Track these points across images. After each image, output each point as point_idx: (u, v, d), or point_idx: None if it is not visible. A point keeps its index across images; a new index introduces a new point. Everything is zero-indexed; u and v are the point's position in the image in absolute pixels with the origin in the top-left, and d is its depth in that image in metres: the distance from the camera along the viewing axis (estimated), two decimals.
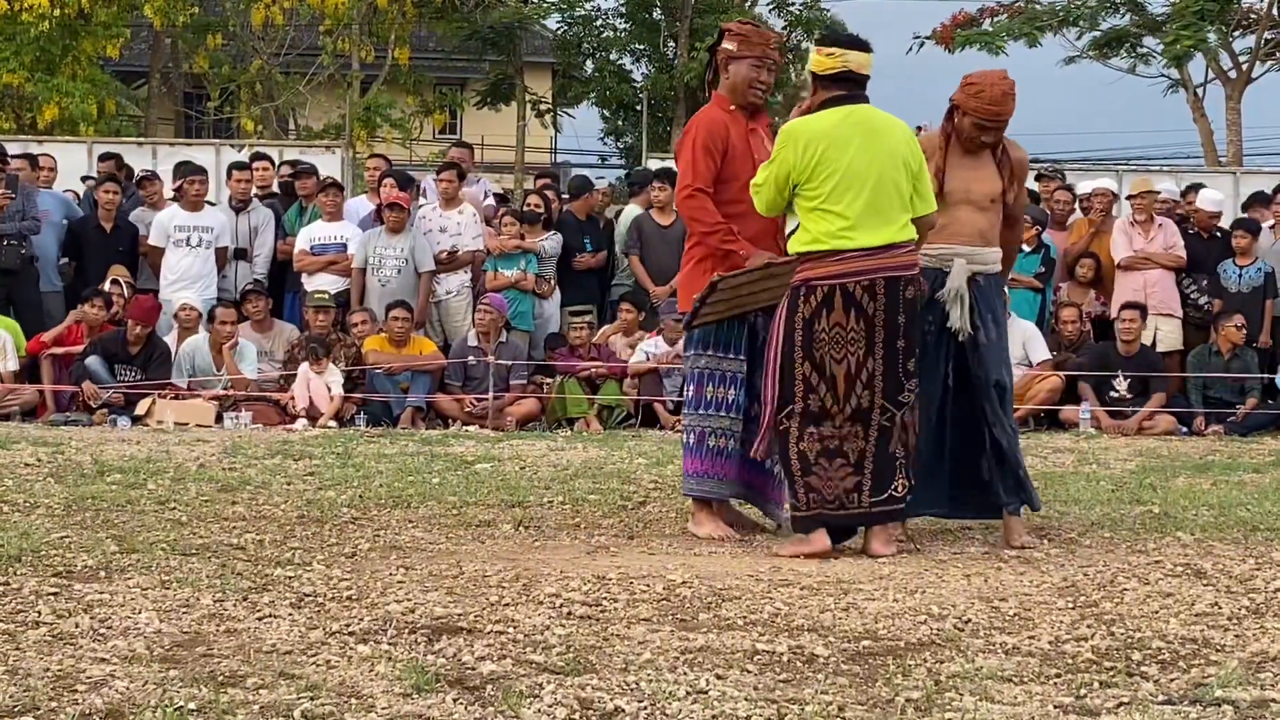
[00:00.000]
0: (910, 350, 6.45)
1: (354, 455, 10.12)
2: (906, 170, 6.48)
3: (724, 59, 7.12)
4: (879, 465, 6.42)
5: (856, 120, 6.52)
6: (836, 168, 6.43)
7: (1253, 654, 4.57)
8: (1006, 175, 7.03)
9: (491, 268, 14.23)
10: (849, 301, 6.41)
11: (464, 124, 39.52)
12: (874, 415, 6.41)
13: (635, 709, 3.87)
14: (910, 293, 6.45)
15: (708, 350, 6.99)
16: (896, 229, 6.46)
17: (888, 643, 4.69)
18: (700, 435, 6.99)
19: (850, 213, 6.43)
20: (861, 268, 6.42)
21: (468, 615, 4.98)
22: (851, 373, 6.40)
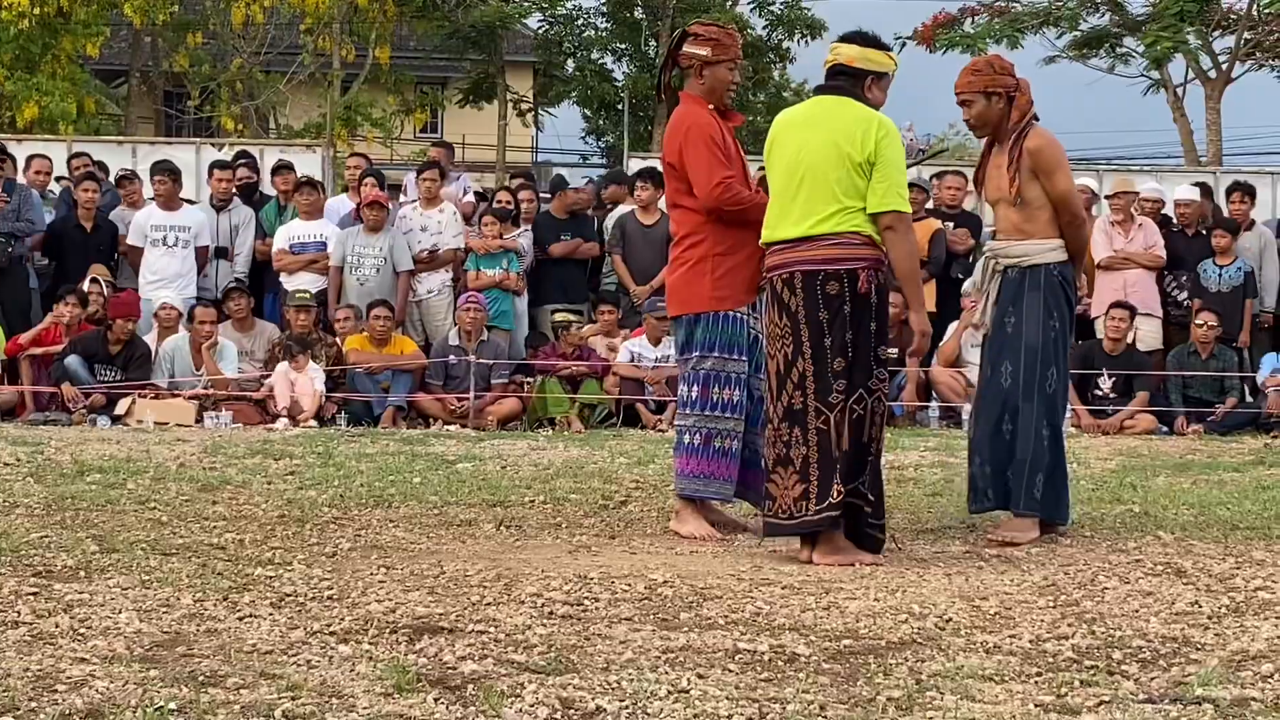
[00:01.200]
0: (840, 349, 6.21)
1: (335, 455, 10.10)
2: (848, 163, 6.26)
3: (698, 64, 7.10)
4: (823, 472, 6.20)
5: (815, 110, 6.47)
6: (781, 158, 6.43)
7: (1233, 652, 4.58)
8: (1013, 167, 7.03)
9: (474, 267, 14.21)
10: (774, 296, 6.36)
11: (445, 123, 39.50)
12: (809, 418, 6.22)
13: (617, 708, 3.86)
14: (832, 288, 6.22)
15: (714, 352, 6.97)
16: (819, 220, 6.27)
17: (869, 642, 4.69)
18: (706, 436, 6.96)
19: (779, 205, 6.40)
20: (781, 260, 6.35)
21: (449, 615, 4.97)
22: (782, 371, 6.28)
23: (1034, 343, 6.96)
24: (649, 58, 33.30)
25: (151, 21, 27.87)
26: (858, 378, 6.23)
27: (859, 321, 6.24)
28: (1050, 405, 6.98)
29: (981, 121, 7.11)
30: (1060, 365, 7.01)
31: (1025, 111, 7.04)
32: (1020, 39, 25.69)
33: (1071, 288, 7.08)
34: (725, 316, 6.98)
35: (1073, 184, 7.04)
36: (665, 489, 8.59)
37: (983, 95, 7.06)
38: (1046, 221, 7.01)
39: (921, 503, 8.15)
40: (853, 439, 6.23)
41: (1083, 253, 7.16)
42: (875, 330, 6.28)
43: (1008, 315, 7.05)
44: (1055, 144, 7.03)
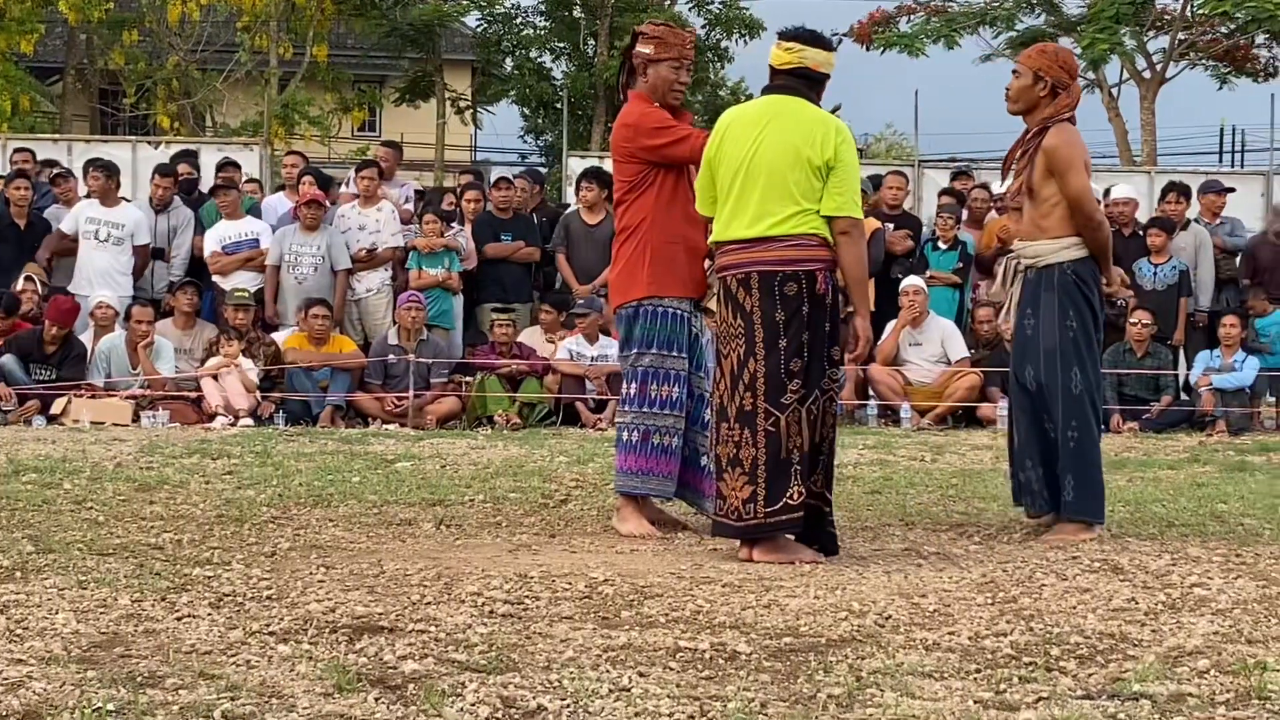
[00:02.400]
0: (795, 350, 6.17)
1: (273, 454, 10.05)
2: (806, 165, 6.22)
3: (642, 62, 7.13)
4: (771, 473, 6.17)
5: (768, 110, 6.40)
6: (733, 156, 6.36)
7: (1169, 649, 4.61)
8: (1025, 159, 7.03)
9: (416, 265, 14.17)
10: (728, 295, 6.31)
11: (383, 121, 39.37)
12: (759, 420, 6.17)
13: (558, 707, 3.86)
14: (790, 289, 6.19)
15: (652, 348, 6.98)
16: (777, 221, 6.22)
17: (809, 639, 4.71)
18: (645, 433, 6.97)
19: (734, 204, 6.35)
20: (736, 260, 6.30)
21: (389, 614, 4.96)
22: (734, 371, 6.23)
23: (1051, 345, 6.94)
24: (587, 56, 33.29)
25: (87, 19, 27.66)
26: (813, 378, 6.22)
27: (815, 322, 6.22)
28: (1077, 406, 6.92)
29: (1018, 97, 7.06)
30: (1085, 365, 6.93)
31: (1060, 111, 7.01)
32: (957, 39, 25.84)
33: (1092, 286, 6.99)
34: (664, 313, 6.98)
35: (1086, 185, 6.94)
36: (605, 487, 8.60)
37: (1032, 74, 7.03)
38: (1060, 219, 6.96)
39: (861, 500, 8.19)
40: (810, 439, 6.22)
41: (1104, 253, 7.06)
42: (829, 331, 6.28)
43: (1027, 318, 7.04)
44: (1073, 144, 6.96)
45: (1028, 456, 7.05)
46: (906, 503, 8.15)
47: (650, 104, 7.10)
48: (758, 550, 6.20)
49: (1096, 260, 7.01)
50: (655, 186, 7.02)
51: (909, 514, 7.69)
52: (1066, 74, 7.04)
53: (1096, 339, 7.08)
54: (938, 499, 8.34)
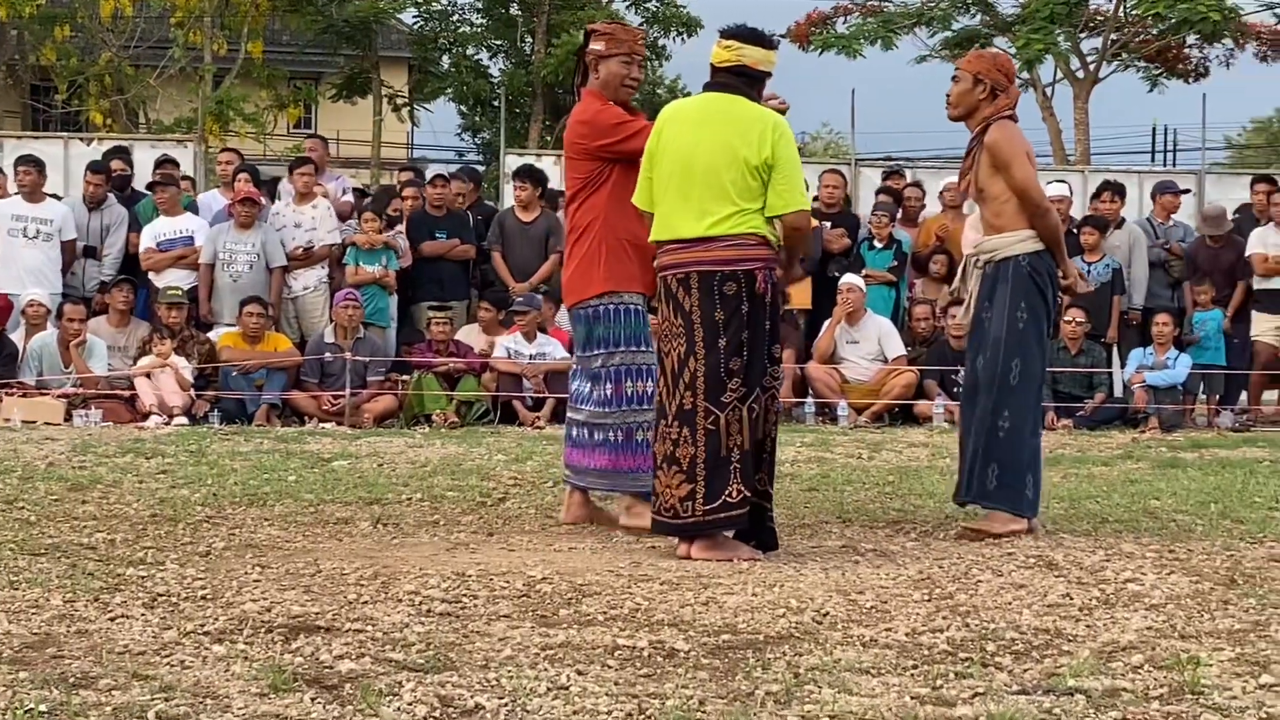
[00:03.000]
0: (735, 349, 6.17)
1: (208, 453, 9.99)
2: (743, 165, 6.21)
3: (594, 59, 7.13)
4: (710, 472, 6.16)
5: (708, 108, 6.38)
6: (671, 154, 6.35)
7: (1104, 644, 4.64)
8: (970, 160, 7.10)
9: (354, 261, 14.10)
10: (668, 294, 6.31)
11: (319, 118, 39.19)
12: (698, 418, 6.16)
13: (496, 706, 3.85)
14: (730, 288, 6.19)
15: (621, 346, 6.96)
16: (715, 222, 6.21)
17: (747, 636, 4.71)
18: (628, 431, 6.95)
19: (671, 202, 6.33)
20: (676, 260, 6.29)
21: (325, 614, 4.93)
22: (675, 369, 6.22)
23: (1000, 335, 6.98)
24: (525, 54, 33.23)
25: (17, 14, 27.38)
26: (754, 377, 6.22)
27: (755, 321, 6.22)
28: (1012, 398, 6.94)
29: (958, 101, 7.14)
30: (1028, 357, 6.98)
31: (999, 111, 7.06)
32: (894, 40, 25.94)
33: (1046, 278, 7.03)
34: (625, 310, 6.97)
35: (1031, 175, 6.98)
36: (544, 485, 8.60)
37: (971, 78, 7.10)
38: (1014, 214, 7.01)
39: (798, 498, 8.20)
40: (751, 438, 6.22)
41: (1056, 242, 7.08)
42: (769, 329, 6.28)
43: (984, 310, 7.10)
44: (1013, 138, 7.03)
45: (965, 444, 7.11)
46: (844, 500, 8.17)
47: (603, 101, 7.08)
48: (695, 547, 6.20)
49: (1053, 254, 7.06)
50: (609, 184, 7.00)
51: (846, 511, 7.71)
52: (1004, 76, 7.11)
53: (1048, 332, 7.15)
54: (875, 496, 8.37)
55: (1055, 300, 7.16)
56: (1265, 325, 14.72)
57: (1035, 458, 7.04)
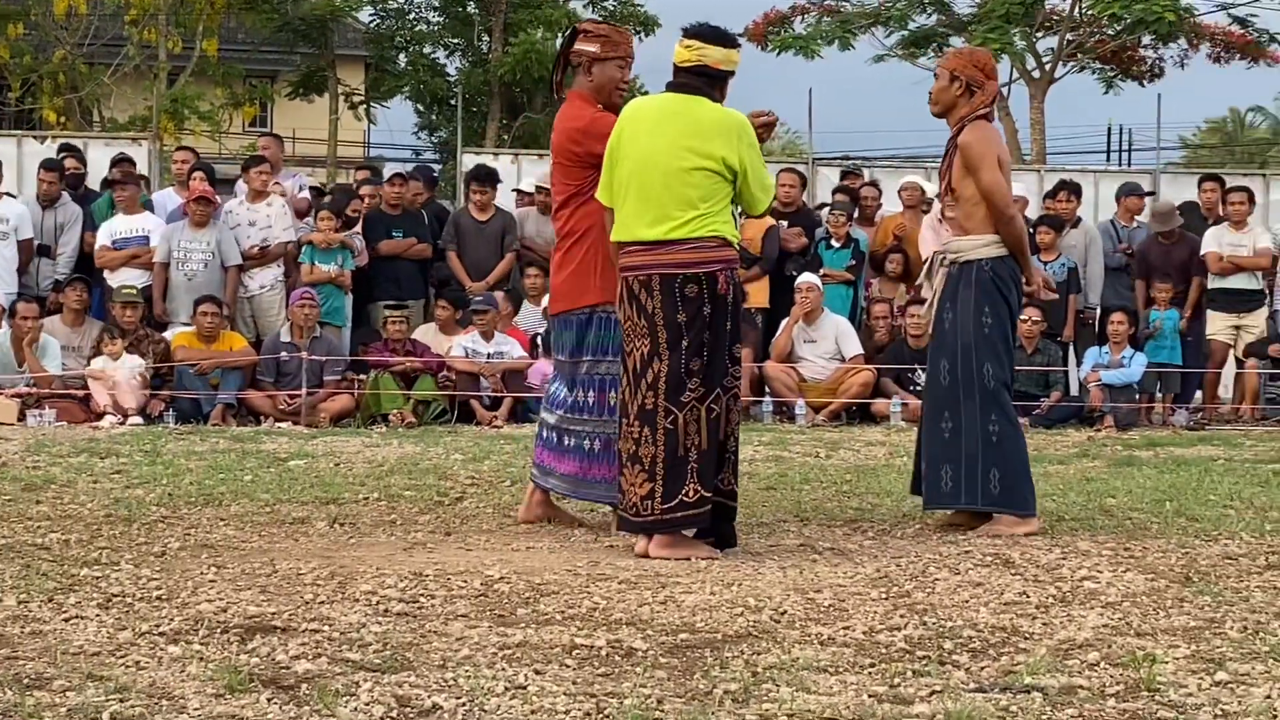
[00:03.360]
0: (696, 349, 6.19)
1: (163, 453, 9.94)
2: (707, 168, 6.22)
3: (587, 60, 6.96)
4: (668, 471, 6.18)
5: (672, 109, 6.37)
6: (630, 155, 6.34)
7: (1060, 641, 4.66)
8: (946, 161, 7.13)
9: (309, 260, 14.04)
10: (630, 296, 6.31)
11: (275, 116, 39.00)
12: (659, 418, 6.18)
13: (453, 705, 3.84)
14: (691, 290, 6.20)
15: (608, 355, 6.86)
16: (676, 225, 6.22)
17: (705, 635, 4.71)
18: (606, 441, 6.84)
19: (632, 203, 6.32)
20: (639, 262, 6.29)
21: (282, 614, 4.91)
22: (637, 369, 6.24)
23: (967, 340, 7.01)
24: (482, 53, 33.15)
25: None
26: (714, 377, 6.23)
27: (716, 323, 6.24)
28: (995, 400, 6.98)
29: (937, 98, 7.20)
30: (998, 360, 7.00)
31: (976, 109, 7.09)
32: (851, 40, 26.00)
33: (1009, 283, 7.05)
34: (614, 320, 6.78)
35: (998, 180, 6.99)
36: (501, 485, 8.58)
37: (948, 75, 7.15)
38: (982, 218, 7.04)
39: (756, 497, 8.21)
40: (710, 437, 6.23)
41: (1020, 249, 7.12)
42: (730, 329, 6.30)
43: (946, 312, 7.12)
44: (985, 140, 7.05)
45: (922, 450, 7.14)
46: (801, 499, 8.18)
47: (593, 105, 6.96)
48: (654, 545, 6.21)
49: (1017, 259, 7.08)
50: None
51: (804, 510, 7.72)
52: (980, 73, 7.13)
53: (1014, 335, 7.18)
54: (832, 495, 8.38)
55: (1019, 305, 7.18)
56: (1220, 324, 14.82)
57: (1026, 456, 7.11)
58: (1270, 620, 4.97)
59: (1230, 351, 14.91)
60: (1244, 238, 14.80)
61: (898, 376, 13.91)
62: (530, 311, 14.60)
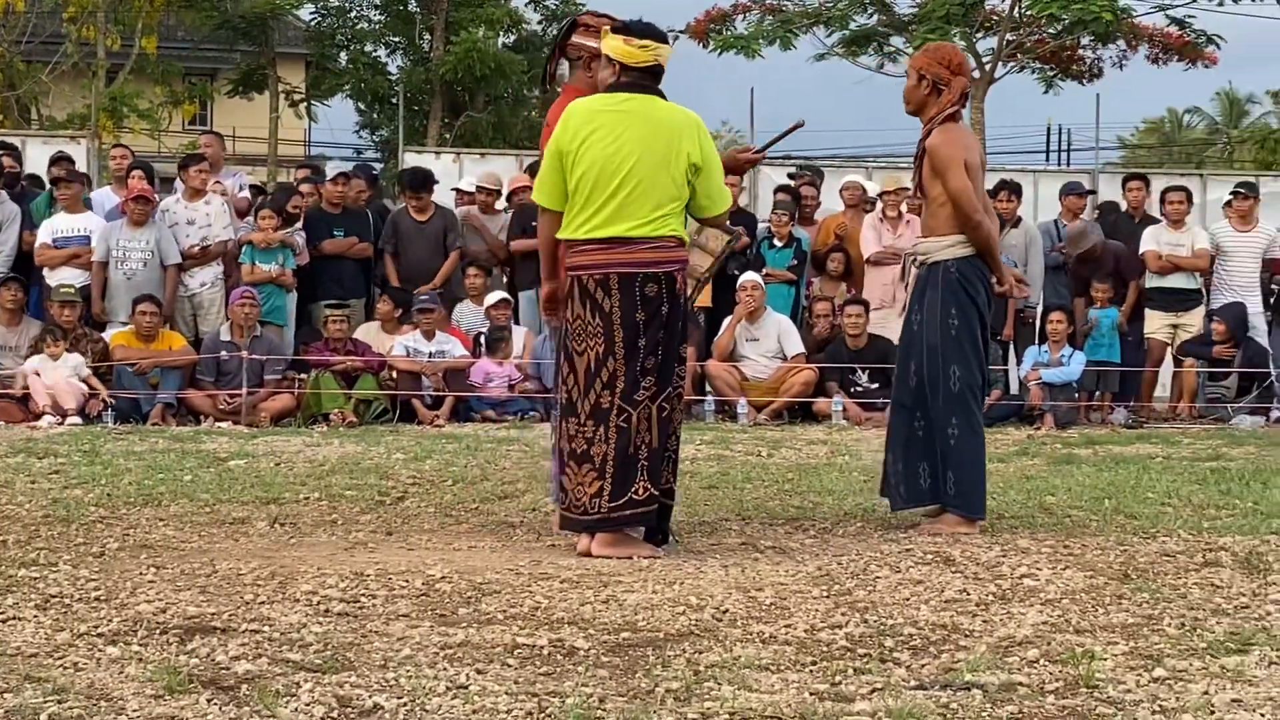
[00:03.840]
0: (652, 348, 6.22)
1: (101, 453, 9.87)
2: (672, 167, 6.24)
3: (587, 55, 6.84)
4: (618, 469, 6.19)
5: (630, 109, 6.33)
6: (595, 154, 6.28)
7: (1000, 639, 4.68)
8: (918, 164, 7.15)
9: (249, 260, 13.97)
10: (584, 294, 6.29)
11: (215, 114, 38.77)
12: (612, 416, 6.20)
13: (394, 705, 3.83)
14: (651, 290, 6.22)
15: None
16: (639, 223, 6.22)
17: (647, 634, 4.71)
18: None
19: (593, 203, 6.28)
20: (594, 261, 6.28)
21: (222, 614, 4.89)
22: (591, 369, 6.23)
23: (934, 341, 7.02)
24: (423, 51, 33.08)
25: None
26: (666, 376, 6.26)
27: (671, 322, 6.27)
28: (958, 403, 6.99)
29: (908, 98, 7.22)
30: (966, 362, 7.01)
31: (944, 108, 7.10)
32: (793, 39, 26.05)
33: (977, 284, 7.06)
34: None
35: (964, 183, 6.98)
36: (443, 484, 8.56)
37: (917, 74, 7.17)
38: (947, 219, 7.05)
39: (698, 495, 8.22)
40: (665, 436, 6.25)
41: (989, 251, 7.10)
42: (681, 329, 6.34)
43: (915, 314, 7.13)
44: (953, 143, 7.05)
45: (892, 450, 7.16)
46: (743, 497, 8.20)
47: None
48: (596, 544, 6.21)
49: (986, 260, 7.11)
50: None
51: (746, 508, 7.74)
52: (946, 70, 7.14)
53: (984, 336, 7.17)
54: (774, 493, 8.40)
55: (989, 305, 7.19)
56: (1158, 323, 14.93)
57: (982, 460, 7.12)
58: (1207, 617, 5.01)
59: (1168, 350, 15.03)
60: (1182, 237, 14.91)
61: (840, 376, 13.96)
62: (472, 311, 14.57)
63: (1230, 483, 8.87)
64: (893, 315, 14.41)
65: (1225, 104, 52.45)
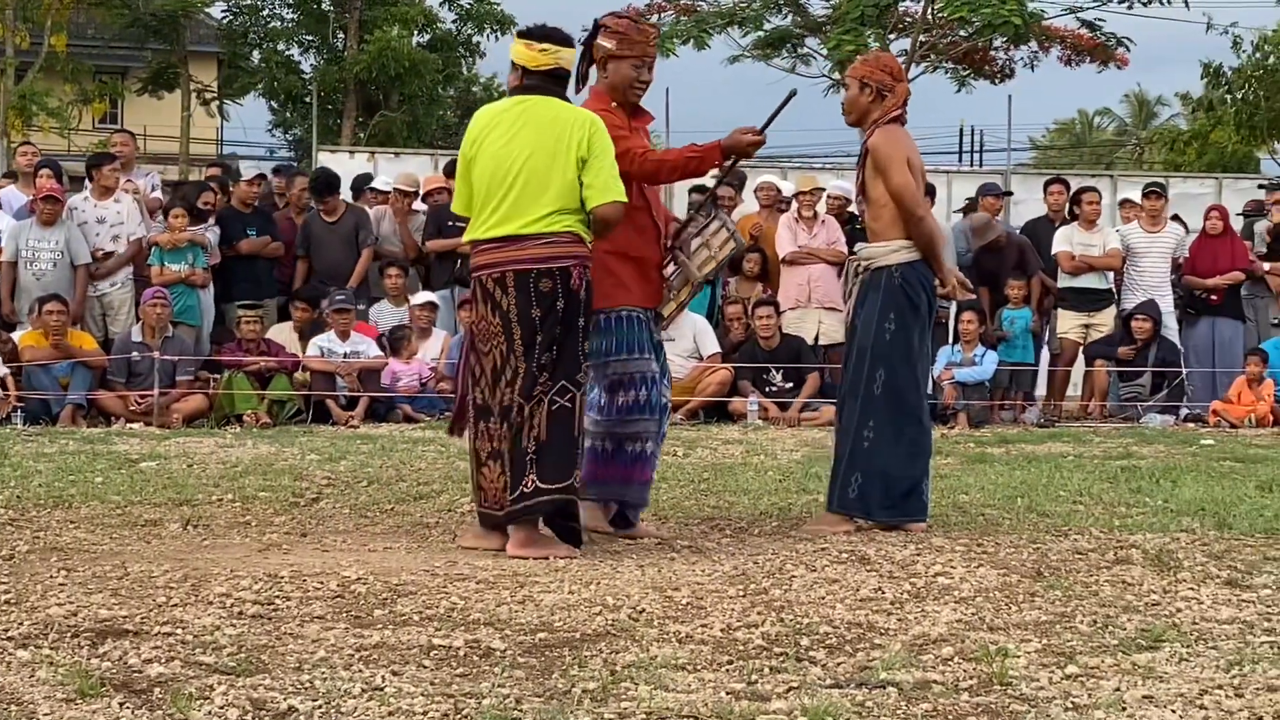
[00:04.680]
0: (548, 345, 6.25)
1: (10, 455, 9.76)
2: (564, 164, 6.27)
3: (603, 57, 6.80)
4: (515, 463, 6.25)
5: (524, 110, 6.39)
6: (489, 156, 6.35)
7: (914, 637, 4.71)
8: (861, 166, 7.16)
9: (158, 261, 13.83)
10: (485, 295, 6.35)
11: (125, 113, 38.47)
12: (513, 413, 6.26)
13: (309, 708, 3.80)
14: (546, 285, 6.24)
15: (612, 355, 6.65)
16: (531, 220, 6.26)
17: (564, 634, 4.71)
18: (618, 441, 6.71)
19: (489, 203, 6.34)
20: (491, 260, 6.32)
21: (134, 617, 4.84)
22: (497, 368, 6.30)
23: (865, 344, 7.02)
24: (337, 50, 32.93)
25: None
26: (562, 372, 6.26)
27: (570, 318, 6.27)
28: (875, 408, 6.98)
29: (850, 108, 7.24)
30: (894, 367, 6.99)
31: (887, 112, 7.11)
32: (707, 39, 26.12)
33: (919, 289, 7.05)
34: (620, 318, 6.67)
35: (908, 180, 6.99)
36: (358, 485, 8.52)
37: (858, 83, 7.18)
38: (890, 221, 7.06)
39: None
40: (558, 432, 6.25)
41: (932, 251, 7.11)
42: (582, 326, 6.33)
43: (856, 317, 7.14)
44: (894, 142, 7.06)
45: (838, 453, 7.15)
46: (659, 497, 8.19)
47: (608, 103, 6.77)
48: (511, 544, 6.22)
49: (929, 263, 7.11)
50: None
51: (662, 509, 7.74)
52: (889, 76, 7.19)
53: (923, 343, 7.16)
54: (690, 493, 8.41)
55: (932, 310, 7.20)
56: (1070, 322, 15.08)
57: (894, 468, 7.03)
58: (1119, 614, 5.06)
59: (1080, 350, 15.18)
60: (1094, 237, 15.07)
61: (754, 376, 14.00)
62: (389, 311, 14.51)
63: (1141, 481, 8.97)
64: (809, 315, 14.52)
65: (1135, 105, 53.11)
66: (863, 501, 7.01)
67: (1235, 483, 8.89)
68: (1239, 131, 28.40)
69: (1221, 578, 5.75)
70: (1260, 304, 15.55)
